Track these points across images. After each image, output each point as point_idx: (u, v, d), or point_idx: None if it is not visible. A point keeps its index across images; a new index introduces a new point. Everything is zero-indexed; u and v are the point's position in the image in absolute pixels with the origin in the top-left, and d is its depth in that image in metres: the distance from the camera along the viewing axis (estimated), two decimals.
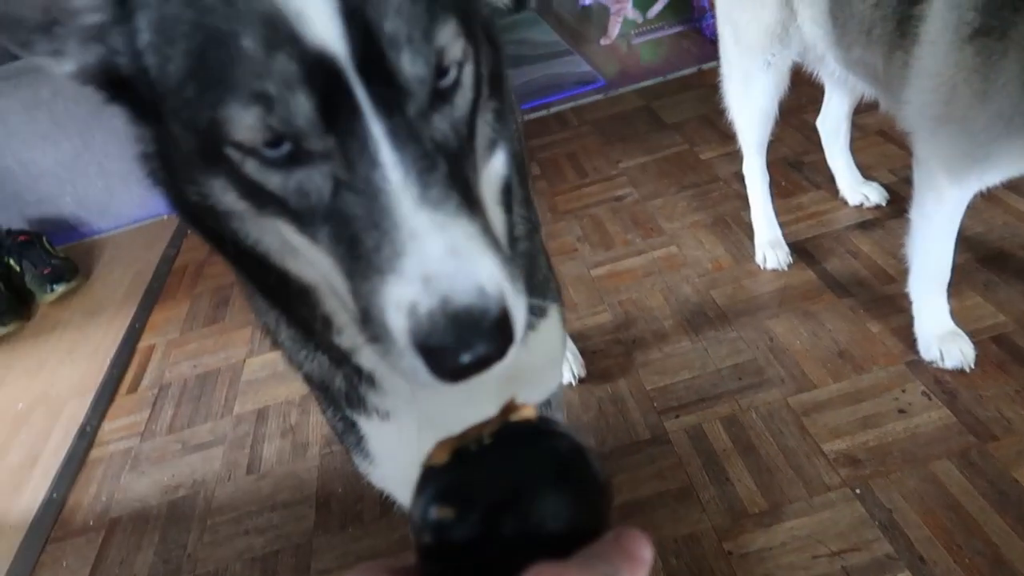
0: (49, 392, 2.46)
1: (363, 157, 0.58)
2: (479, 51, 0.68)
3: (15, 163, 3.29)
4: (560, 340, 1.12)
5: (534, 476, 0.44)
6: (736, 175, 2.55)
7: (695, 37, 4.13)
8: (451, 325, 0.55)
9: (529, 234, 1.01)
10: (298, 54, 0.56)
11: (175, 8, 0.59)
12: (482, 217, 0.61)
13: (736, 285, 2.16)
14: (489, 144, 0.79)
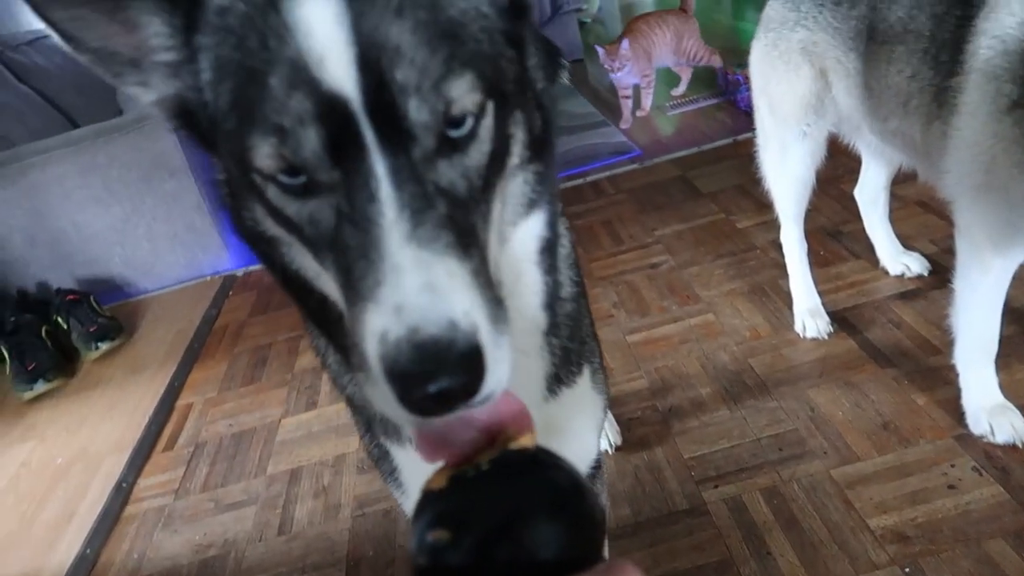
0: (88, 448, 2.49)
1: (364, 192, 0.62)
2: (507, 114, 0.72)
3: (69, 225, 3.42)
4: (597, 405, 1.12)
5: (530, 504, 0.45)
6: (773, 244, 2.55)
7: (729, 109, 4.20)
8: (416, 354, 0.56)
9: (575, 297, 1.03)
10: (313, 94, 0.62)
11: (227, 51, 0.67)
12: (476, 261, 0.64)
13: (775, 354, 2.14)
14: (528, 203, 0.82)
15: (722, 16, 6.44)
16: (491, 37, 0.71)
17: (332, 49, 0.62)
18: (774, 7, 2.00)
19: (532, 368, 0.96)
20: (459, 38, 0.67)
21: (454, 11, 0.68)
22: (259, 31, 0.64)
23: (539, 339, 0.95)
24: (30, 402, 2.84)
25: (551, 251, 0.92)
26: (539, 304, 0.93)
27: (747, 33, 5.50)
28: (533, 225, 0.86)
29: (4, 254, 3.42)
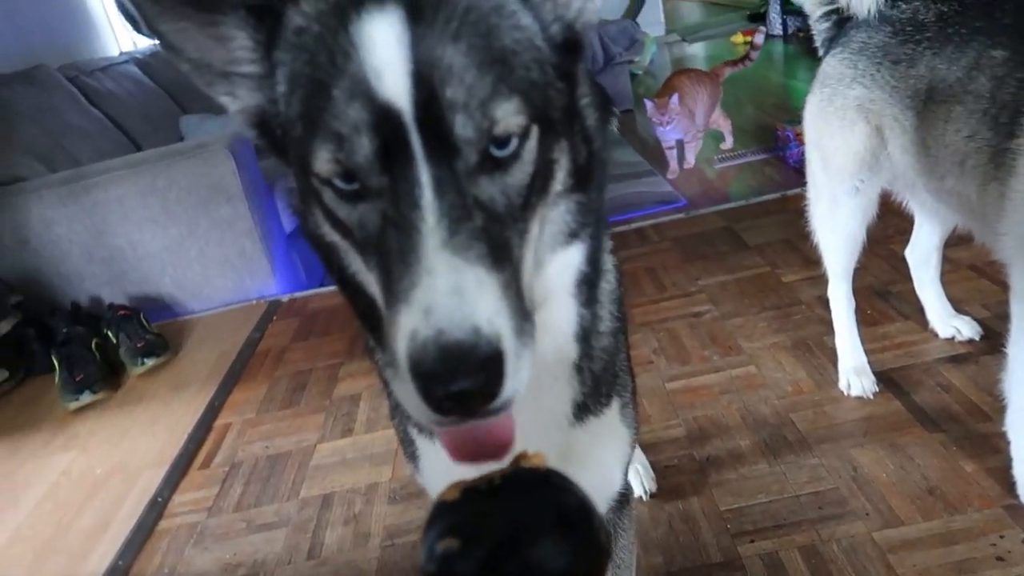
0: (127, 461, 2.54)
1: (408, 198, 0.67)
2: (552, 140, 0.76)
3: (126, 243, 3.53)
4: (624, 439, 1.12)
5: (538, 522, 0.46)
6: (819, 300, 2.53)
7: (778, 165, 4.20)
8: (440, 354, 0.59)
9: (614, 332, 1.04)
10: (369, 104, 0.68)
11: (300, 65, 0.74)
12: (507, 274, 0.67)
13: (818, 410, 2.10)
14: (568, 233, 0.86)
15: (773, 74, 6.48)
16: (542, 68, 0.76)
17: (390, 64, 0.68)
18: (831, 63, 2.01)
19: (560, 393, 0.99)
20: (509, 64, 0.72)
21: (507, 40, 0.74)
22: (329, 48, 0.71)
23: (568, 368, 0.97)
24: (75, 412, 2.91)
25: (589, 285, 0.94)
26: (571, 334, 0.95)
27: (798, 91, 5.53)
28: (572, 256, 0.89)
29: (63, 268, 3.54)
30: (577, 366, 0.99)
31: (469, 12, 0.72)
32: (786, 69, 6.57)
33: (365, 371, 2.77)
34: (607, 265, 1.04)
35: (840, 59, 1.98)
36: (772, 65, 6.73)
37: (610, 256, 1.06)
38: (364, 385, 2.71)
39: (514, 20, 0.76)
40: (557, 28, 0.80)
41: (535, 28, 0.78)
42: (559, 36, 0.80)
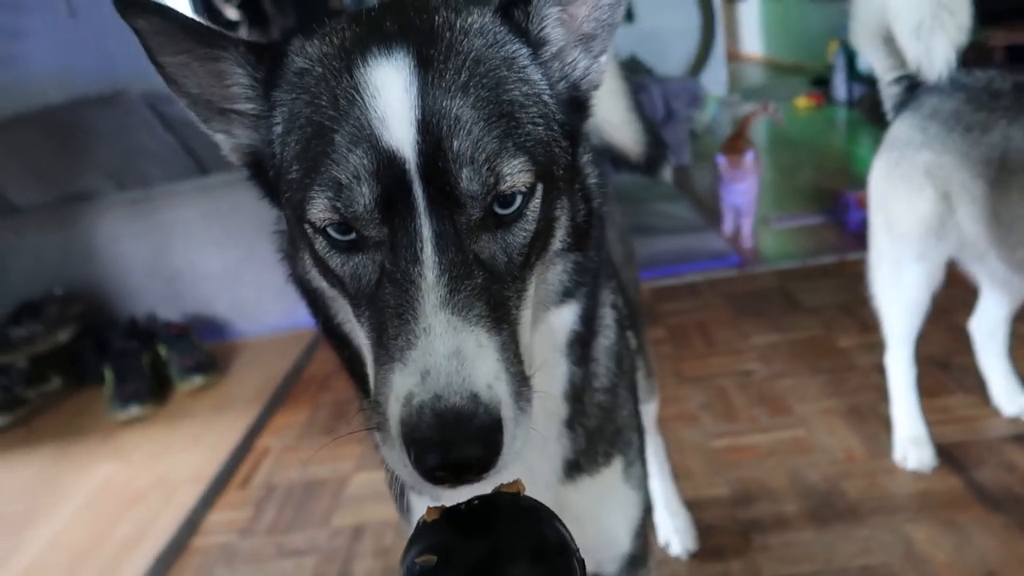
0: (167, 475, 2.56)
1: (409, 251, 0.65)
2: (554, 197, 0.74)
3: (185, 264, 3.63)
4: (630, 501, 1.07)
5: (515, 545, 0.47)
6: (875, 367, 2.45)
7: (837, 229, 4.12)
8: (437, 422, 0.57)
9: (611, 389, 1.01)
10: (372, 150, 0.65)
11: (300, 106, 0.72)
12: (505, 336, 0.65)
13: (870, 480, 2.01)
14: (563, 292, 0.84)
15: (836, 139, 6.42)
16: (548, 124, 0.75)
17: (396, 111, 0.66)
18: (900, 127, 1.98)
19: (548, 452, 0.96)
20: (517, 119, 0.70)
21: (516, 93, 0.72)
22: (332, 91, 0.69)
23: (557, 426, 0.95)
24: (121, 424, 2.96)
25: (582, 344, 0.92)
26: (560, 393, 0.93)
27: (860, 157, 5.47)
28: (566, 315, 0.88)
29: (124, 283, 3.65)
30: (568, 424, 0.96)
31: (480, 63, 0.71)
32: (848, 135, 6.51)
33: None
34: (606, 320, 1.01)
35: (910, 123, 1.96)
36: (834, 131, 6.68)
37: (611, 311, 1.03)
38: None
39: (524, 74, 0.75)
40: (564, 86, 0.79)
41: (544, 84, 0.76)
42: (565, 94, 0.79)
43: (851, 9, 1.97)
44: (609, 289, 1.03)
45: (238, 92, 0.79)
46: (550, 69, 0.78)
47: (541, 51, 0.78)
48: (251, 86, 0.78)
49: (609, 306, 1.02)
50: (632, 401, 1.09)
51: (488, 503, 0.51)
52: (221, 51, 0.77)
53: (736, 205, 4.06)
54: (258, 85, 0.77)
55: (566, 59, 0.80)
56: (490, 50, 0.73)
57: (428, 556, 0.47)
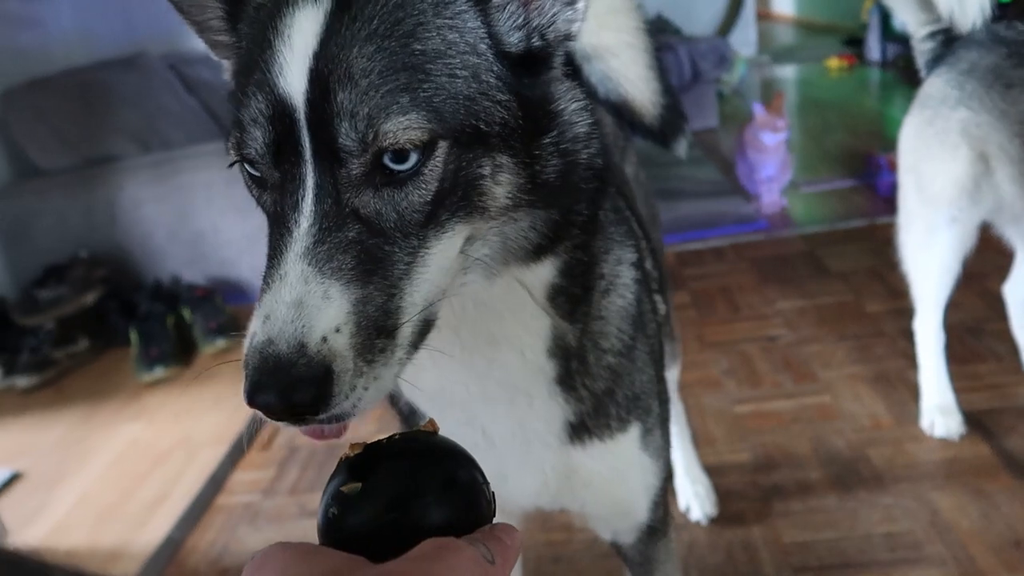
0: (191, 435, 2.59)
1: (291, 198, 0.66)
2: (478, 155, 0.71)
3: (209, 227, 3.64)
4: (646, 468, 1.05)
5: (429, 478, 0.52)
6: (903, 332, 2.40)
7: (867, 192, 4.03)
8: (261, 364, 0.61)
9: (623, 351, 0.97)
10: (271, 97, 0.67)
11: (248, 41, 0.75)
12: (372, 290, 0.65)
13: (896, 447, 1.98)
14: (534, 249, 0.81)
15: (868, 100, 6.26)
16: (475, 76, 0.71)
17: (295, 58, 0.67)
18: (934, 84, 1.91)
19: (543, 411, 0.94)
20: (426, 71, 0.68)
21: (435, 41, 0.70)
22: (263, 30, 0.70)
23: (546, 384, 0.92)
24: (147, 385, 3.00)
25: (571, 299, 0.88)
26: (541, 348, 0.90)
27: (893, 119, 5.32)
28: (542, 271, 0.84)
29: (147, 245, 3.67)
30: (565, 383, 0.93)
31: (401, 8, 0.69)
32: (882, 96, 6.34)
33: None
34: (621, 279, 0.97)
35: (945, 79, 1.88)
36: (867, 91, 6.51)
37: (629, 270, 0.98)
38: None
39: (455, 21, 0.72)
40: (518, 36, 0.76)
41: (480, 32, 0.73)
42: (519, 44, 0.76)
43: None
44: (630, 247, 0.99)
45: (215, 24, 0.83)
46: (498, 16, 0.75)
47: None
48: (224, 18, 0.82)
49: (628, 264, 0.97)
50: (654, 367, 1.05)
51: (406, 439, 0.55)
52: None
53: (766, 173, 3.93)
54: (229, 17, 0.81)
55: (531, 4, 0.76)
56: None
57: (353, 485, 0.51)
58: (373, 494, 0.51)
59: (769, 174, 3.83)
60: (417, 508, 0.51)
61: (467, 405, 0.93)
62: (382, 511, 0.50)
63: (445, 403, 0.94)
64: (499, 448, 0.98)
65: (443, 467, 0.54)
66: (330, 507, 0.52)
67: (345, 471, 0.53)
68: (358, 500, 0.51)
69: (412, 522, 0.50)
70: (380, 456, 0.54)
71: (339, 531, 0.51)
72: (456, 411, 0.95)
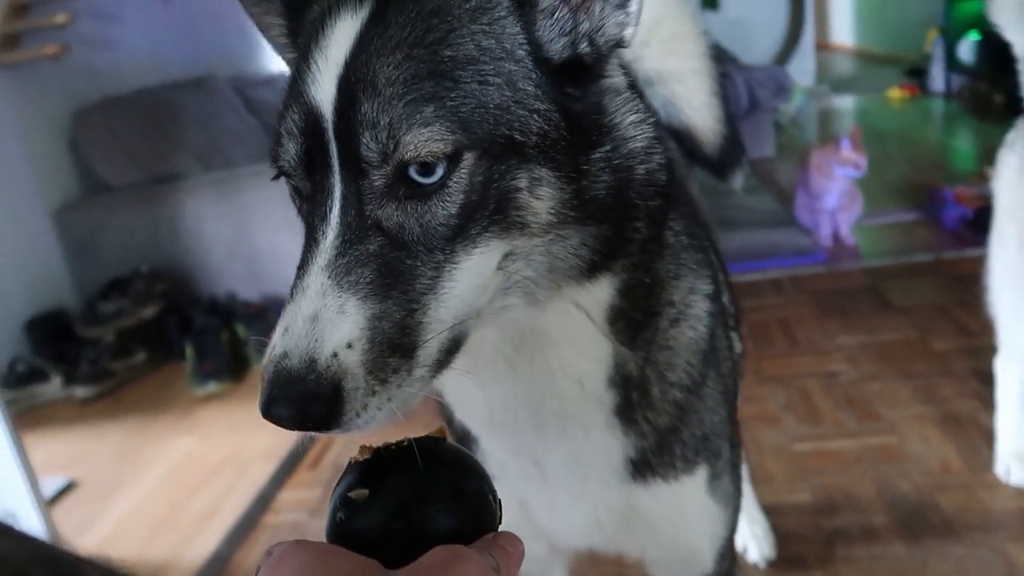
0: (241, 452, 2.61)
1: (320, 209, 0.66)
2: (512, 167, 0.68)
3: (266, 245, 3.69)
4: (714, 517, 0.99)
5: (436, 485, 0.52)
6: (975, 373, 2.30)
7: (931, 226, 3.90)
8: (274, 376, 0.61)
9: (691, 387, 0.92)
10: (303, 109, 0.68)
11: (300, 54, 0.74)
12: (390, 305, 0.64)
13: (968, 494, 1.88)
14: (588, 267, 0.76)
15: (931, 132, 6.10)
16: (511, 84, 0.68)
17: (328, 69, 0.67)
18: None
19: (599, 443, 0.89)
20: (453, 79, 0.66)
21: (467, 48, 0.68)
22: (309, 42, 0.71)
23: (604, 415, 0.87)
24: (201, 399, 3.04)
25: (632, 324, 0.83)
26: (600, 377, 0.84)
27: (957, 152, 5.18)
28: (598, 291, 0.79)
29: (207, 261, 3.74)
30: (625, 416, 0.87)
31: (435, 15, 0.68)
32: (946, 128, 6.17)
33: None
34: (693, 309, 0.90)
35: None
36: (930, 123, 6.35)
37: (703, 301, 0.92)
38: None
39: (493, 27, 0.69)
40: (563, 42, 0.72)
41: (520, 38, 0.70)
42: (564, 52, 0.72)
43: None
44: (705, 277, 0.93)
45: (281, 41, 0.84)
46: (542, 22, 0.72)
47: (532, 1, 0.71)
48: (286, 34, 0.83)
49: (702, 295, 0.92)
50: (726, 408, 0.99)
51: (416, 445, 0.54)
52: (268, 3, 0.84)
53: (831, 204, 3.78)
54: (290, 33, 0.82)
55: (580, 8, 0.73)
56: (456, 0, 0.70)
57: (361, 491, 0.51)
58: (380, 500, 0.51)
59: (832, 205, 3.73)
60: (424, 515, 0.51)
61: (518, 433, 0.89)
62: (389, 517, 0.51)
63: (496, 429, 0.91)
64: (551, 481, 0.94)
65: (451, 475, 0.54)
66: (337, 511, 0.52)
67: (353, 475, 0.53)
68: (365, 505, 0.51)
69: (418, 529, 0.50)
70: (388, 462, 0.54)
71: (346, 535, 0.51)
72: (508, 439, 0.92)
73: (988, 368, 2.02)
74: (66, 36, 3.67)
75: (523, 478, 0.95)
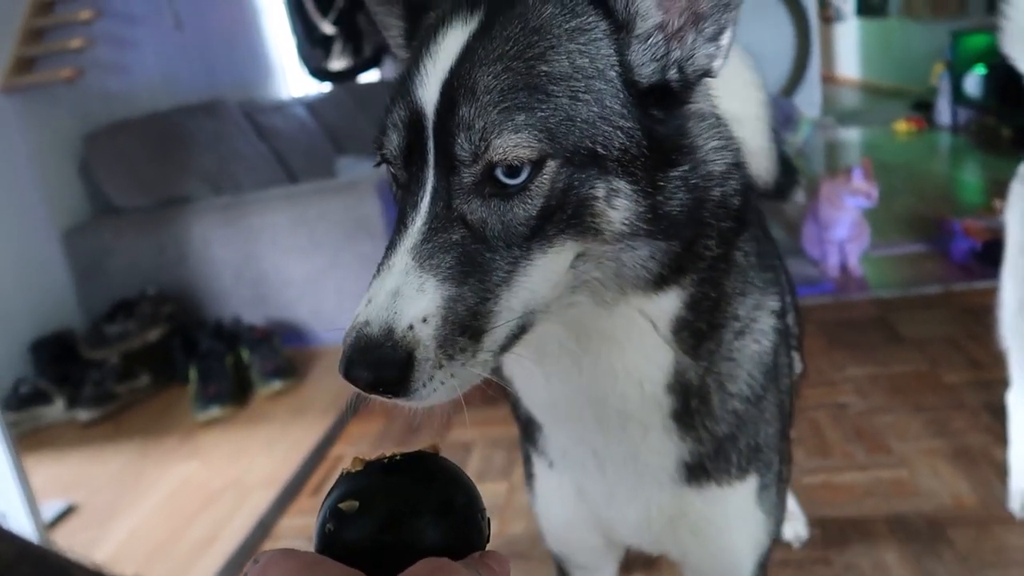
0: (242, 479, 2.58)
1: (413, 197, 0.73)
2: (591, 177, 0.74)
3: (272, 268, 3.70)
4: (758, 525, 1.02)
5: (425, 499, 0.52)
6: (986, 406, 2.27)
7: (939, 258, 3.88)
8: (355, 341, 0.67)
9: (751, 399, 0.96)
10: (409, 106, 0.75)
11: (411, 55, 0.82)
12: (466, 291, 0.70)
13: (982, 530, 1.85)
14: (656, 279, 0.81)
15: (938, 165, 6.10)
16: (600, 101, 0.74)
17: (434, 73, 0.74)
18: None
19: (656, 445, 0.94)
20: (546, 92, 0.72)
21: (562, 65, 0.74)
22: (420, 47, 0.78)
23: (662, 418, 0.92)
24: (202, 424, 3.02)
25: (696, 335, 0.88)
26: (661, 382, 0.89)
27: (965, 184, 5.17)
28: (666, 303, 0.84)
29: (213, 285, 3.75)
30: (683, 421, 0.92)
31: (537, 32, 0.74)
32: (952, 161, 6.17)
33: (480, 420, 2.71)
34: (759, 324, 0.95)
35: None
36: (937, 156, 6.35)
37: (769, 317, 0.96)
38: (477, 435, 2.66)
39: (589, 48, 0.75)
40: (654, 67, 0.78)
41: (612, 60, 0.76)
42: (652, 76, 0.77)
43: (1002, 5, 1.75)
44: (773, 295, 0.97)
45: (397, 40, 0.93)
46: (636, 47, 0.77)
47: (629, 26, 0.77)
48: (401, 35, 0.92)
49: (768, 311, 0.96)
50: (781, 422, 1.03)
51: (407, 459, 0.55)
52: (391, 4, 0.93)
53: (842, 237, 3.77)
54: (406, 34, 0.91)
55: (674, 37, 0.78)
56: (557, 19, 0.75)
57: (351, 502, 0.51)
58: (369, 512, 0.51)
59: (841, 236, 3.72)
60: (412, 529, 0.51)
61: (580, 426, 0.95)
62: (377, 530, 0.51)
63: (559, 419, 0.98)
64: (608, 475, 0.99)
65: (441, 490, 0.54)
66: (326, 522, 0.52)
67: (344, 486, 0.54)
68: (354, 517, 0.51)
69: (406, 542, 0.51)
70: (380, 474, 0.54)
71: (334, 546, 0.51)
72: (569, 429, 0.99)
73: (1000, 402, 1.99)
74: (81, 60, 3.72)
75: (582, 468, 1.02)
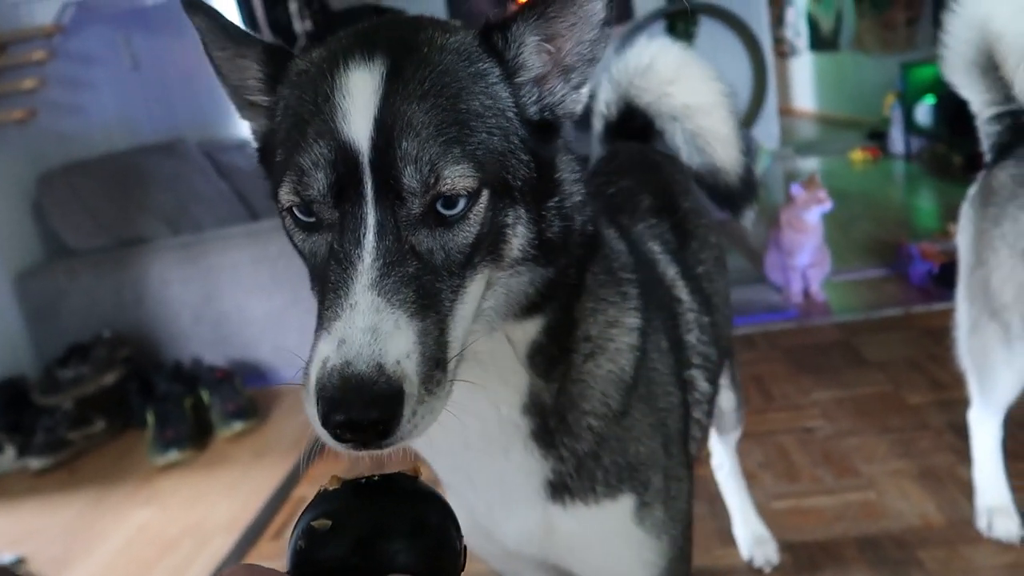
0: (202, 523, 2.49)
1: (353, 235, 0.72)
2: (505, 206, 0.79)
3: (233, 308, 3.63)
4: (642, 544, 1.02)
5: (399, 521, 0.52)
6: (950, 426, 2.29)
7: (899, 282, 3.95)
8: (342, 383, 0.64)
9: (612, 417, 0.98)
10: (334, 143, 0.74)
11: (292, 100, 0.82)
12: (429, 323, 0.70)
13: (950, 550, 1.84)
14: (528, 305, 0.86)
15: (893, 192, 6.25)
16: (506, 136, 0.80)
17: (358, 109, 0.74)
18: (1002, 178, 1.74)
19: (520, 464, 0.97)
20: (471, 128, 0.77)
21: (476, 104, 0.79)
22: (315, 89, 0.78)
23: (521, 439, 0.95)
24: (160, 469, 2.92)
25: (548, 359, 0.92)
26: (516, 404, 0.93)
27: (920, 210, 5.28)
28: (529, 328, 0.89)
29: (172, 326, 3.67)
30: (543, 440, 0.95)
31: (446, 75, 0.78)
32: (907, 187, 6.33)
33: None
34: (615, 343, 0.98)
35: (1013, 174, 1.72)
36: (892, 183, 6.50)
37: (628, 335, 1.00)
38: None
39: (490, 90, 0.81)
40: (536, 108, 0.85)
41: (509, 102, 0.83)
42: (537, 115, 0.85)
43: (942, 36, 1.77)
44: (631, 312, 1.00)
45: (254, 85, 0.91)
46: (523, 90, 0.85)
47: (516, 73, 0.84)
48: (263, 80, 0.89)
49: (626, 329, 0.99)
50: (661, 440, 1.03)
51: (385, 480, 0.55)
52: (246, 49, 0.90)
53: (804, 264, 3.80)
54: (269, 80, 0.89)
55: (544, 85, 0.86)
56: (460, 64, 0.80)
57: (323, 521, 0.51)
58: (342, 532, 0.51)
59: (804, 262, 3.76)
60: (384, 551, 0.51)
61: (452, 451, 0.99)
62: (348, 551, 0.50)
63: (435, 448, 1.00)
64: (482, 494, 1.02)
65: (415, 512, 0.54)
66: (299, 540, 0.51)
67: (318, 505, 0.53)
68: (326, 537, 0.51)
69: (377, 565, 0.50)
70: (355, 494, 0.54)
71: (304, 564, 0.50)
72: (444, 456, 1.02)
73: (962, 421, 2.00)
74: (34, 101, 3.66)
75: (461, 492, 1.05)
